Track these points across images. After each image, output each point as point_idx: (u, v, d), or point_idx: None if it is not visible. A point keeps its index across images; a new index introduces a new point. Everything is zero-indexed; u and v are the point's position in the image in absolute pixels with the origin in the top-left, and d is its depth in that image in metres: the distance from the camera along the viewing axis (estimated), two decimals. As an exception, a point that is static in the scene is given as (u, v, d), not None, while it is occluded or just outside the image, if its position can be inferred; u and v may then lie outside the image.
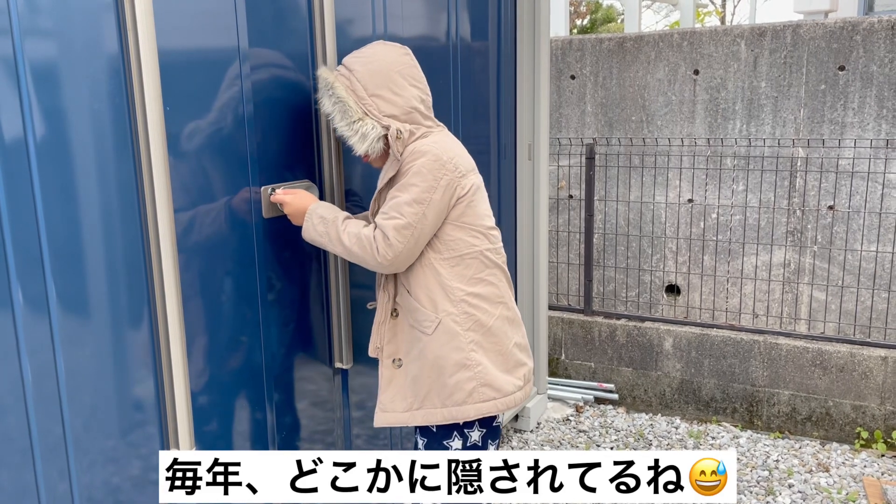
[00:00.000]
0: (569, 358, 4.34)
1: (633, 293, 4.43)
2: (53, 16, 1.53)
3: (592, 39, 4.44)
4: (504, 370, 2.03)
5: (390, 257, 1.90)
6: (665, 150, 4.25)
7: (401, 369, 2.05)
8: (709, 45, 4.10)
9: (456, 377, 1.97)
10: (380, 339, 2.07)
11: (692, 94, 4.18)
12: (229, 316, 1.99)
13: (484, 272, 2.03)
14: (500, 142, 3.44)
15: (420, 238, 1.92)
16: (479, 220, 2.04)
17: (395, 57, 2.02)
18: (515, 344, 2.09)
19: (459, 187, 1.98)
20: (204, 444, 1.93)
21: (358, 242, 1.93)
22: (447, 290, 1.99)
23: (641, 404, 4.17)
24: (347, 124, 1.97)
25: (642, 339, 4.12)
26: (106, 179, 1.64)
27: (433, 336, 1.98)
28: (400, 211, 1.90)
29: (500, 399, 2.00)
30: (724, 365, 3.93)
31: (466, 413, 1.98)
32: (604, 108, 4.42)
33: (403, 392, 2.04)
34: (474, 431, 2.05)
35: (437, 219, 1.95)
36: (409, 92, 2.01)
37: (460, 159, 2.01)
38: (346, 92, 1.97)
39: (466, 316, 1.99)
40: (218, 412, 1.98)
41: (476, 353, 1.99)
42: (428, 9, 2.80)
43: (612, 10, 16.73)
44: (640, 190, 4.35)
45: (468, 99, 3.10)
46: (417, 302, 2.00)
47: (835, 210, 3.89)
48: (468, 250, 2.01)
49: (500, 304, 2.06)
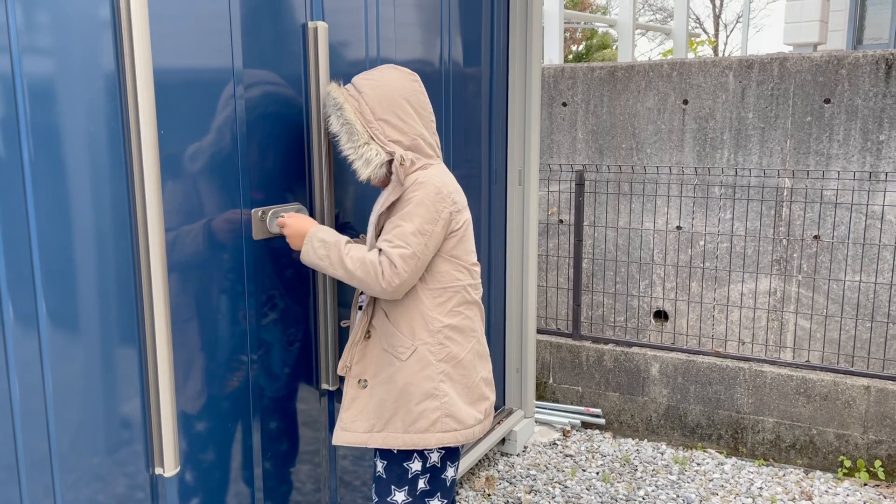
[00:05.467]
0: (556, 382, 4.37)
1: (622, 318, 4.47)
2: (51, 35, 1.57)
3: (584, 68, 4.51)
4: (468, 402, 2.08)
5: (395, 284, 1.93)
6: (654, 177, 4.31)
7: (365, 390, 2.08)
8: (698, 76, 4.18)
9: (423, 405, 2.02)
10: (350, 358, 2.11)
11: (681, 123, 4.24)
12: (217, 336, 2.01)
13: (462, 306, 2.09)
14: (492, 167, 3.48)
15: (421, 267, 1.98)
16: (466, 255, 2.10)
17: (404, 83, 2.07)
18: (482, 378, 2.14)
19: (454, 221, 2.03)
20: (189, 464, 1.95)
21: (362, 267, 1.95)
22: (427, 319, 2.03)
23: (628, 429, 4.19)
24: (353, 147, 2.01)
25: (629, 364, 4.15)
26: (99, 198, 1.67)
27: (406, 363, 2.02)
28: (406, 241, 1.94)
29: (460, 431, 2.05)
30: (709, 391, 3.96)
31: (427, 441, 2.03)
32: (595, 136, 4.48)
33: (366, 413, 2.07)
34: (434, 453, 2.09)
35: (435, 250, 2.00)
36: (415, 120, 2.05)
37: (458, 195, 2.07)
38: (354, 115, 2.01)
39: (441, 347, 2.04)
40: (204, 432, 2.00)
41: (445, 383, 2.04)
42: (420, 34, 2.86)
43: (608, 37, 16.93)
44: (629, 216, 4.40)
45: (459, 124, 3.15)
46: (395, 328, 2.04)
47: (820, 240, 3.94)
48: (452, 283, 2.06)
49: (472, 338, 2.11)
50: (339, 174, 2.36)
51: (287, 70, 2.19)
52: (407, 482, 2.08)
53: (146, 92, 1.67)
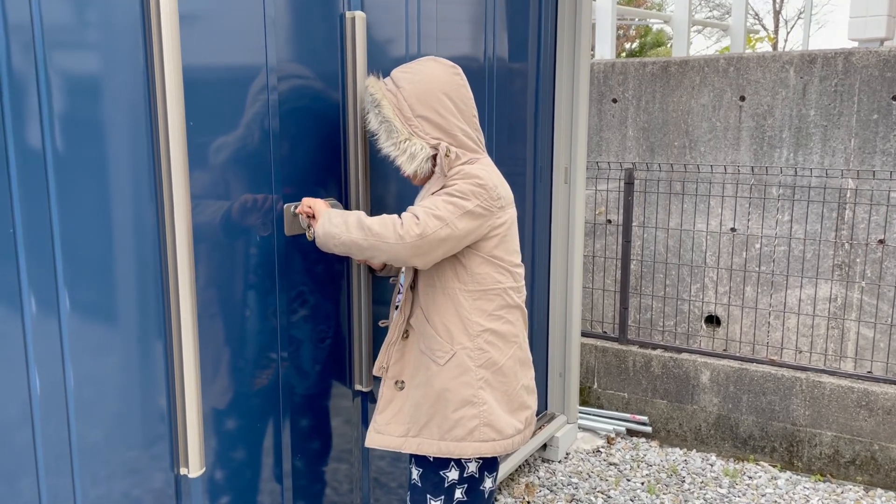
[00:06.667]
0: (601, 387, 4.23)
1: (671, 323, 4.31)
2: (82, 30, 1.53)
3: (636, 63, 4.36)
4: (508, 411, 1.98)
5: (413, 234, 1.79)
6: (708, 176, 4.14)
7: (402, 392, 2.00)
8: (756, 71, 3.99)
9: (460, 412, 1.93)
10: (387, 358, 2.03)
11: (737, 120, 4.07)
12: (247, 333, 1.96)
13: (504, 310, 1.99)
14: (537, 164, 3.38)
15: (447, 239, 1.83)
16: (509, 255, 1.99)
17: (445, 77, 1.97)
18: (523, 386, 2.04)
19: (497, 218, 1.93)
20: (216, 464, 1.90)
21: (380, 221, 1.84)
22: (466, 322, 1.94)
23: (676, 438, 4.03)
24: (394, 144, 1.93)
25: (678, 370, 3.99)
26: (123, 190, 1.63)
27: (444, 367, 1.94)
28: (436, 204, 1.84)
29: (499, 441, 1.95)
30: (763, 401, 3.78)
31: (464, 450, 1.94)
32: (646, 133, 4.33)
33: (401, 416, 1.99)
34: (472, 462, 2.00)
35: (468, 234, 1.88)
36: (455, 115, 1.95)
37: (503, 190, 1.97)
38: (392, 112, 1.93)
39: (481, 352, 1.94)
40: (231, 431, 1.95)
41: (484, 391, 1.94)
42: (464, 29, 2.77)
43: (662, 34, 16.56)
44: (680, 217, 4.24)
45: (503, 120, 3.05)
46: (433, 329, 1.95)
47: (885, 244, 3.73)
48: (493, 286, 1.96)
49: (514, 344, 2.01)
50: (377, 170, 2.29)
51: (323, 61, 2.13)
52: (443, 491, 2.00)
53: (174, 84, 1.62)
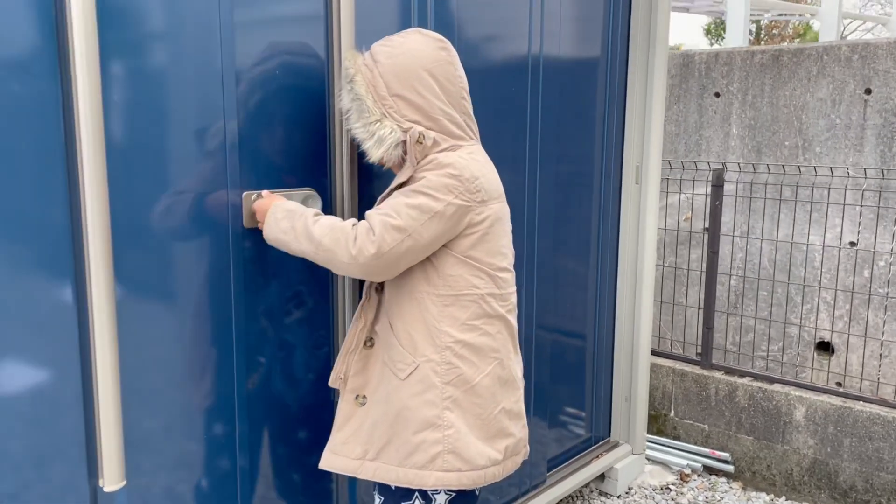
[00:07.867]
0: (679, 416, 3.76)
1: (775, 348, 3.76)
2: None
3: (742, 52, 3.85)
4: (482, 438, 1.68)
5: (367, 255, 1.59)
6: (824, 181, 3.58)
7: (363, 408, 1.76)
8: (885, 60, 3.39)
9: (421, 436, 1.66)
10: (345, 368, 1.79)
11: (861, 117, 3.48)
12: (197, 334, 1.78)
13: (481, 320, 1.70)
14: (604, 162, 3.03)
15: (409, 251, 1.62)
16: (489, 257, 1.70)
17: (429, 52, 1.72)
18: (504, 410, 1.73)
19: (474, 213, 1.66)
20: (141, 478, 1.74)
21: (331, 234, 1.63)
22: (433, 332, 1.67)
23: (762, 482, 3.50)
24: (363, 125, 1.70)
25: (767, 403, 3.46)
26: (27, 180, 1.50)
27: (405, 382, 1.68)
28: (397, 210, 1.61)
29: (465, 472, 1.66)
30: (870, 448, 3.19)
31: (425, 480, 1.65)
32: (752, 131, 3.82)
33: (359, 436, 1.74)
34: (440, 494, 1.71)
35: (436, 240, 1.64)
36: (437, 96, 1.70)
37: (485, 181, 1.69)
38: (365, 89, 1.71)
39: (449, 367, 1.67)
40: (162, 443, 1.77)
41: (451, 412, 1.66)
42: (507, 19, 2.48)
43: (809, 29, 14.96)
44: (790, 227, 3.70)
45: (555, 114, 2.72)
46: (396, 338, 1.70)
47: None
48: (467, 291, 1.69)
49: (493, 361, 1.71)
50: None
51: (305, 31, 1.93)
52: None
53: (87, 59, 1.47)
